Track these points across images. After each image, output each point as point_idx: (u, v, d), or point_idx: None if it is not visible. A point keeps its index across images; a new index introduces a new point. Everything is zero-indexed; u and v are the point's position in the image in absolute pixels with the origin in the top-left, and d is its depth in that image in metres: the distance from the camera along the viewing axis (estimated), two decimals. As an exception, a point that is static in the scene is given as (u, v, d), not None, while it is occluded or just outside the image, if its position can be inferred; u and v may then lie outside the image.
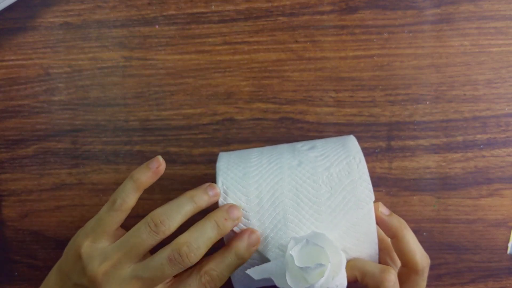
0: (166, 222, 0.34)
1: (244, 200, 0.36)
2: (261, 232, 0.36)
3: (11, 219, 0.46)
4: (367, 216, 0.36)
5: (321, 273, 0.33)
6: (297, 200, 0.36)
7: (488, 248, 0.45)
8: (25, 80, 0.46)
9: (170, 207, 0.35)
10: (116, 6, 0.46)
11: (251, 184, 0.37)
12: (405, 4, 0.45)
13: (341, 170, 0.37)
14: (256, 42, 0.46)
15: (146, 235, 0.34)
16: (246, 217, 0.36)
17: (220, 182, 0.37)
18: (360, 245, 0.36)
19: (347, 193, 0.36)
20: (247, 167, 0.38)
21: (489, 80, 0.45)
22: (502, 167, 0.45)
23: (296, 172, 0.37)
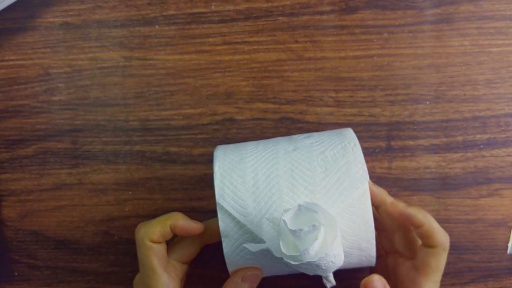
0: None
1: (240, 182, 0.37)
2: (256, 212, 0.36)
3: (11, 219, 0.46)
4: (362, 197, 0.36)
5: (315, 236, 0.32)
6: (292, 181, 0.36)
7: (488, 248, 0.45)
8: (25, 80, 0.46)
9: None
10: (116, 6, 0.46)
11: (247, 167, 0.37)
12: (405, 4, 0.45)
13: (336, 153, 0.37)
14: (256, 42, 0.46)
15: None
16: (242, 198, 0.36)
17: (217, 167, 0.38)
18: (355, 228, 0.36)
19: (342, 173, 0.36)
20: (243, 154, 0.39)
21: (489, 80, 0.45)
22: (502, 167, 0.45)
23: (291, 156, 0.37)
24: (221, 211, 0.36)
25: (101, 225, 0.46)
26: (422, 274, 0.37)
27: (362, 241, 0.36)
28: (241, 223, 0.36)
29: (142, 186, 0.46)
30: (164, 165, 0.46)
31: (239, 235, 0.37)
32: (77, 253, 0.46)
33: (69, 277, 0.46)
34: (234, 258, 0.37)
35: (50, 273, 0.46)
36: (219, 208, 0.36)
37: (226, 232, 0.36)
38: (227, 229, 0.36)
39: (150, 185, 0.46)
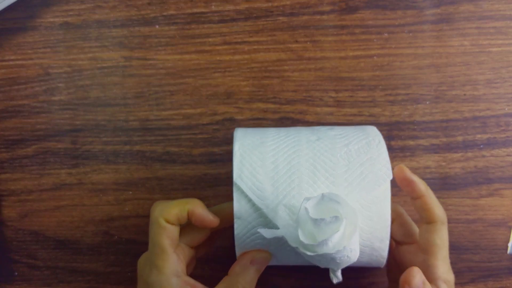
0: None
1: (259, 165, 0.36)
2: (273, 197, 0.35)
3: (11, 219, 0.46)
4: (383, 195, 0.35)
5: (336, 228, 0.31)
6: (313, 170, 0.35)
7: (488, 248, 0.45)
8: (25, 80, 0.46)
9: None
10: (116, 6, 0.46)
11: (268, 151, 0.36)
12: (405, 4, 0.45)
13: (360, 148, 0.36)
14: (256, 42, 0.46)
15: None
16: (260, 181, 0.35)
17: (237, 146, 0.37)
18: (372, 226, 0.35)
19: (365, 168, 0.35)
20: (264, 137, 0.38)
21: (489, 80, 0.45)
22: (502, 167, 0.45)
23: (314, 145, 0.37)
24: (238, 192, 0.36)
25: (101, 225, 0.46)
26: (430, 254, 0.36)
27: (376, 241, 0.36)
28: (256, 206, 0.35)
29: (142, 186, 0.46)
30: (164, 165, 0.46)
31: (252, 218, 0.36)
32: (77, 253, 0.46)
33: (69, 277, 0.46)
34: (244, 241, 0.36)
35: (50, 273, 0.46)
36: (236, 188, 0.36)
37: (240, 214, 0.36)
38: (241, 210, 0.35)
39: (150, 185, 0.46)
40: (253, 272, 0.36)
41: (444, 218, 0.37)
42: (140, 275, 0.37)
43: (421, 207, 0.37)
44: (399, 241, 0.39)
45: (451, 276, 0.37)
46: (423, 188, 0.37)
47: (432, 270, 0.36)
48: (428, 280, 0.36)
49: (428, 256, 0.36)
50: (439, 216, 0.37)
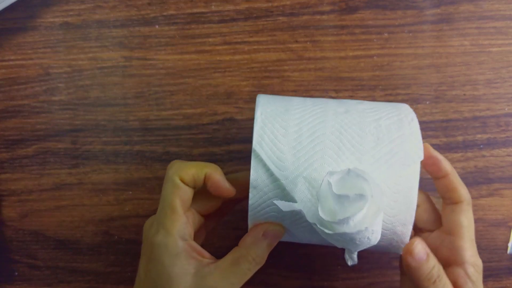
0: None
1: (282, 133, 0.34)
2: (294, 168, 0.33)
3: (11, 219, 0.46)
4: (411, 176, 0.33)
5: (359, 207, 0.29)
6: (339, 143, 0.33)
7: (488, 248, 0.45)
8: (25, 80, 0.46)
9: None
10: (116, 6, 0.46)
11: (291, 119, 0.34)
12: (405, 4, 0.45)
13: (391, 124, 0.34)
14: (256, 42, 0.46)
15: None
16: (281, 151, 0.33)
17: (259, 112, 0.35)
18: (396, 208, 0.33)
19: (395, 146, 0.33)
20: (289, 105, 0.35)
21: (489, 80, 0.45)
22: (502, 167, 0.45)
23: (341, 118, 0.34)
24: (256, 159, 0.33)
25: (101, 225, 0.46)
26: (457, 235, 0.34)
27: (399, 224, 0.33)
28: (274, 177, 0.33)
29: (142, 186, 0.46)
30: (164, 165, 0.46)
31: (269, 189, 0.33)
32: (77, 253, 0.46)
33: (69, 277, 0.46)
34: (258, 212, 0.34)
35: (50, 273, 0.46)
36: (254, 156, 0.33)
37: (256, 183, 0.33)
38: (258, 180, 0.33)
39: (150, 185, 0.46)
40: (265, 245, 0.35)
41: (469, 198, 0.35)
42: (146, 237, 0.36)
43: (446, 187, 0.35)
44: (421, 227, 0.37)
45: (479, 261, 0.34)
46: (449, 166, 0.35)
47: (460, 252, 0.34)
48: (455, 264, 0.34)
49: (454, 238, 0.34)
50: (465, 196, 0.35)
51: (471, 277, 0.34)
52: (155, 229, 0.35)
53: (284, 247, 0.45)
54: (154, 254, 0.34)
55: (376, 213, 0.30)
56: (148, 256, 0.35)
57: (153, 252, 0.34)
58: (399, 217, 0.33)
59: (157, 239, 0.34)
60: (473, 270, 0.34)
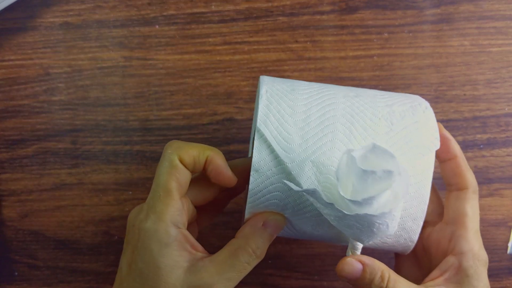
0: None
1: (289, 113, 0.31)
2: (301, 151, 0.30)
3: (11, 219, 0.46)
4: (426, 166, 0.30)
5: (387, 185, 0.26)
6: (350, 127, 0.30)
7: (488, 248, 0.45)
8: (25, 80, 0.46)
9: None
10: (116, 6, 0.46)
11: (299, 99, 0.31)
12: (405, 4, 0.45)
13: (405, 110, 0.31)
14: (256, 42, 0.46)
15: None
16: (288, 131, 0.30)
17: (264, 90, 0.32)
18: (408, 201, 0.30)
19: (409, 133, 0.30)
20: (296, 85, 0.33)
21: (489, 80, 0.45)
22: (502, 167, 0.45)
23: (353, 101, 0.32)
24: (259, 140, 0.30)
25: (101, 225, 0.46)
26: (460, 225, 0.31)
27: (409, 219, 0.31)
28: (279, 160, 0.30)
29: (142, 186, 0.46)
30: (164, 165, 0.46)
31: (272, 173, 0.30)
32: (77, 253, 0.46)
33: (69, 277, 0.46)
34: (257, 199, 0.31)
35: (50, 273, 0.46)
36: (258, 135, 0.30)
37: (259, 166, 0.30)
38: (261, 162, 0.30)
39: (150, 185, 0.45)
40: (265, 236, 0.31)
41: (476, 186, 0.32)
42: (131, 225, 0.32)
43: (452, 171, 0.32)
44: (425, 220, 0.33)
45: (484, 254, 0.31)
46: (458, 149, 0.33)
47: (461, 242, 0.31)
48: (451, 253, 0.31)
49: (456, 227, 0.31)
50: (472, 182, 0.32)
51: (467, 270, 0.30)
52: (144, 215, 0.31)
53: (284, 247, 0.45)
54: (142, 241, 0.30)
55: (402, 196, 0.27)
56: (133, 245, 0.31)
57: (140, 239, 0.30)
58: (410, 211, 0.30)
59: (146, 225, 0.30)
60: (472, 262, 0.31)
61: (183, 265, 0.30)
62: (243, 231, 0.32)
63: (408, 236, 0.32)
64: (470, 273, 0.30)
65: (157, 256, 0.29)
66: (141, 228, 0.30)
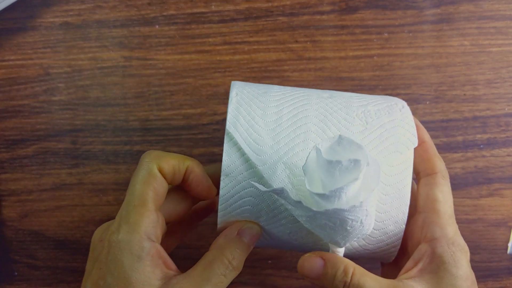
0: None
1: (259, 114, 0.30)
2: (273, 152, 0.29)
3: (11, 219, 0.46)
4: (404, 165, 0.29)
5: (355, 176, 0.25)
6: (323, 127, 0.29)
7: (488, 248, 0.45)
8: (25, 80, 0.46)
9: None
10: (116, 6, 0.46)
11: (270, 101, 0.30)
12: (405, 4, 0.45)
13: (381, 109, 0.31)
14: (256, 42, 0.46)
15: None
16: (258, 133, 0.29)
17: (234, 93, 0.31)
18: (387, 203, 0.29)
19: (386, 131, 0.30)
20: (267, 88, 0.32)
21: (489, 80, 0.45)
22: (502, 167, 0.45)
23: (326, 102, 0.31)
24: (229, 143, 0.29)
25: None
26: (431, 210, 0.30)
27: (390, 223, 0.29)
28: (251, 163, 0.29)
29: (142, 186, 0.46)
30: (164, 165, 0.46)
31: (243, 177, 0.29)
32: (77, 253, 0.46)
33: (69, 277, 0.46)
34: (229, 206, 0.30)
35: (50, 273, 0.46)
36: (228, 139, 0.29)
37: (229, 170, 0.29)
38: (231, 166, 0.29)
39: (150, 185, 0.46)
40: (241, 246, 0.30)
41: (446, 172, 0.31)
42: (98, 240, 0.29)
43: (420, 157, 0.31)
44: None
45: (463, 242, 0.29)
46: (426, 135, 0.32)
47: (433, 228, 0.29)
48: (424, 241, 0.29)
49: (428, 214, 0.30)
50: (441, 167, 0.31)
51: (442, 256, 0.28)
52: (115, 226, 0.28)
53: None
54: (112, 255, 0.28)
55: (372, 190, 0.25)
56: (101, 261, 0.28)
57: (110, 253, 0.28)
58: (391, 213, 0.29)
59: (117, 236, 0.28)
60: (447, 247, 0.28)
61: (155, 283, 0.27)
62: (217, 242, 0.30)
63: (391, 241, 0.30)
64: (446, 260, 0.28)
65: (129, 270, 0.27)
66: (111, 240, 0.28)
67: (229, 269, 0.29)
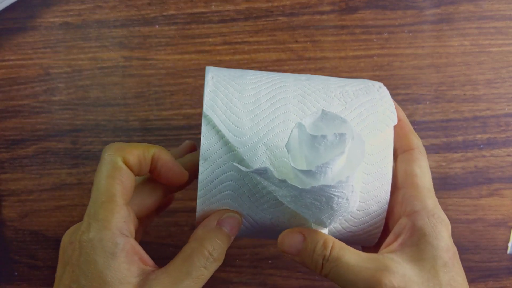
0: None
1: (237, 96, 0.29)
2: (253, 134, 0.28)
3: (11, 219, 0.46)
4: (385, 143, 0.29)
5: (340, 150, 0.25)
6: (303, 107, 0.29)
7: (488, 248, 0.45)
8: (25, 80, 0.46)
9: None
10: (116, 6, 0.46)
11: (248, 83, 0.30)
12: (405, 4, 0.45)
13: (359, 90, 0.31)
14: (256, 42, 0.46)
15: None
16: (237, 115, 0.28)
17: (210, 76, 0.30)
18: (370, 183, 0.29)
19: (365, 110, 0.29)
20: (244, 72, 0.31)
21: (489, 80, 0.45)
22: (502, 167, 0.45)
23: (304, 83, 0.30)
24: (207, 126, 0.28)
25: (101, 225, 0.46)
26: (409, 185, 0.29)
27: (373, 202, 0.29)
28: (230, 146, 0.28)
29: (142, 186, 0.46)
30: (164, 165, 0.46)
31: (223, 161, 0.28)
32: (77, 253, 0.46)
33: (69, 277, 0.46)
34: (209, 192, 0.29)
35: (50, 273, 0.46)
36: (206, 121, 0.28)
37: (208, 154, 0.28)
38: (210, 150, 0.28)
39: (150, 185, 0.46)
40: (222, 236, 0.28)
41: (422, 148, 0.31)
42: (68, 243, 0.28)
43: (396, 134, 0.31)
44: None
45: (443, 215, 0.29)
46: (401, 112, 0.32)
47: (412, 202, 0.28)
48: (404, 215, 0.28)
49: (407, 189, 0.29)
50: (417, 144, 0.31)
51: (422, 228, 0.27)
52: (85, 226, 0.27)
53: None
54: (84, 255, 0.26)
55: (357, 161, 0.25)
56: (73, 263, 0.26)
57: (82, 254, 0.26)
58: (373, 193, 0.29)
59: (88, 235, 0.26)
60: (427, 219, 0.28)
61: (132, 280, 0.26)
62: (196, 233, 0.29)
63: (374, 222, 0.30)
64: (427, 232, 0.27)
65: (103, 269, 0.26)
66: (82, 240, 0.26)
67: (209, 261, 0.28)
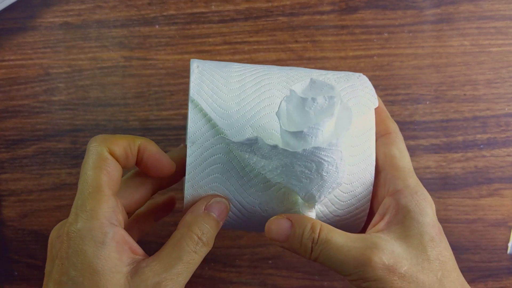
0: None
1: (223, 83, 0.30)
2: (239, 116, 0.29)
3: (11, 219, 0.46)
4: (368, 126, 0.30)
5: (330, 112, 0.25)
6: (287, 93, 0.29)
7: (488, 248, 0.45)
8: (25, 80, 0.46)
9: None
10: (116, 6, 0.46)
11: (233, 71, 0.31)
12: (405, 4, 0.45)
13: (340, 77, 0.32)
14: (256, 42, 0.46)
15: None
16: (223, 99, 0.29)
17: (195, 65, 0.31)
18: (355, 164, 0.30)
19: (347, 94, 0.30)
20: (228, 64, 0.32)
21: (489, 80, 0.45)
22: (502, 167, 0.45)
23: (287, 72, 0.31)
24: (194, 110, 0.29)
25: (101, 225, 0.46)
26: (391, 167, 0.30)
27: (358, 184, 0.30)
28: (217, 129, 0.29)
29: (142, 186, 0.46)
30: (164, 165, 0.46)
31: (210, 144, 0.29)
32: (77, 253, 0.46)
33: (69, 277, 0.46)
34: (197, 175, 0.29)
35: (50, 273, 0.46)
36: (192, 106, 0.29)
37: (195, 137, 0.29)
38: (197, 133, 0.29)
39: (150, 185, 0.46)
40: (210, 221, 0.28)
41: (399, 132, 0.32)
42: (56, 236, 0.27)
43: (375, 121, 0.31)
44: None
45: (426, 193, 0.29)
46: (378, 99, 0.32)
47: (394, 182, 0.29)
48: (391, 194, 0.29)
49: (388, 170, 0.30)
50: (394, 128, 0.32)
51: (407, 205, 0.28)
52: (72, 218, 0.26)
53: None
54: (73, 246, 0.25)
55: (346, 127, 0.26)
56: (62, 256, 0.26)
57: (70, 245, 0.26)
58: (358, 175, 0.29)
59: (75, 226, 0.26)
60: (411, 197, 0.28)
61: (122, 269, 0.26)
62: (184, 219, 0.29)
63: (360, 205, 0.30)
64: (411, 209, 0.28)
65: (93, 259, 0.25)
66: (70, 231, 0.26)
67: (199, 245, 0.28)
